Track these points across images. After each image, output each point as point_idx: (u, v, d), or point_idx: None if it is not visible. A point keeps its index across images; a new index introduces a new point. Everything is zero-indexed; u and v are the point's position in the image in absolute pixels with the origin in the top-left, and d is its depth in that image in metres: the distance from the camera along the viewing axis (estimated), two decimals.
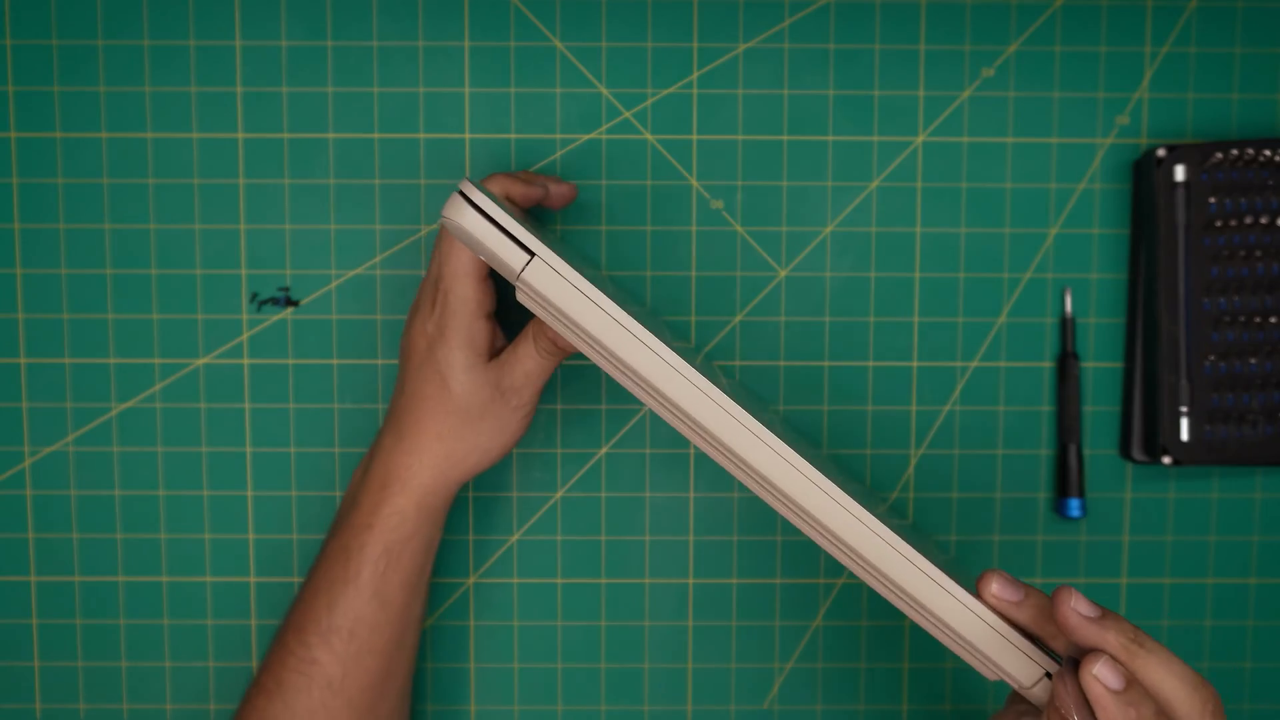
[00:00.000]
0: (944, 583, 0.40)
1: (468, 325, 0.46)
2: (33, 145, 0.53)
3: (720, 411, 0.38)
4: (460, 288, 0.46)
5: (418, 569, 0.49)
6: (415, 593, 0.49)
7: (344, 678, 0.48)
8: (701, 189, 0.54)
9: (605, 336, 0.38)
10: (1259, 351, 0.52)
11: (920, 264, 0.54)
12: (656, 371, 0.38)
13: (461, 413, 0.47)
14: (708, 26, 0.53)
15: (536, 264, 0.37)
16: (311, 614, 0.48)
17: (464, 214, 0.37)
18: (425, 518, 0.48)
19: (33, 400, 0.54)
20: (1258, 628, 0.56)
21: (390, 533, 0.48)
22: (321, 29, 0.53)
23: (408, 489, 0.48)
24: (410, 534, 0.48)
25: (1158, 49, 0.54)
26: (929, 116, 0.54)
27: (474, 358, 0.47)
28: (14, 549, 0.55)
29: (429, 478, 0.48)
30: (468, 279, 0.46)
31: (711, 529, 0.55)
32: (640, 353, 0.38)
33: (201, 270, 0.54)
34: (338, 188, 0.54)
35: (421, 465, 0.48)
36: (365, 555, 0.47)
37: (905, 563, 0.40)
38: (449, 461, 0.48)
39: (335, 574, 0.48)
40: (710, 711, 0.56)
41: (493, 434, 0.48)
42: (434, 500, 0.48)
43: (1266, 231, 0.51)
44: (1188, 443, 0.52)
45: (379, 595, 0.48)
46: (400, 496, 0.48)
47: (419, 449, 0.48)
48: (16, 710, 0.55)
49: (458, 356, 0.47)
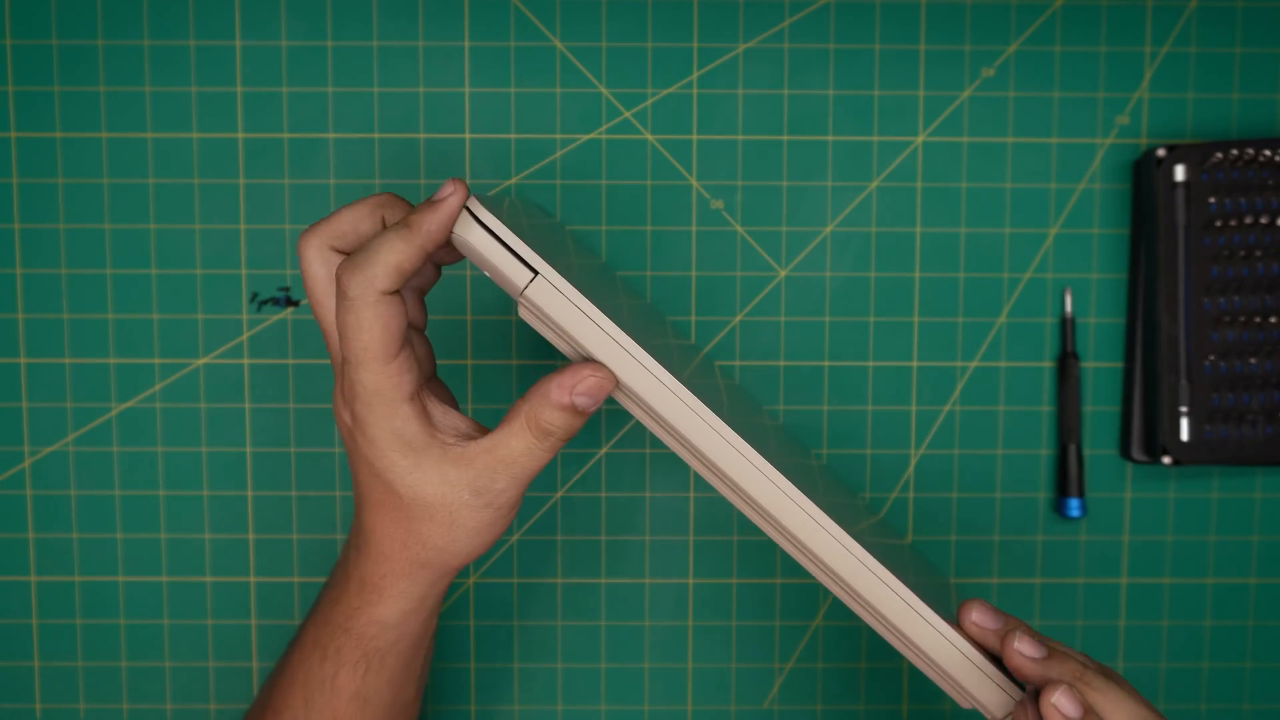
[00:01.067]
0: (919, 608, 0.40)
1: (390, 416, 0.37)
2: (33, 145, 0.53)
3: (714, 435, 0.39)
4: (369, 374, 0.37)
5: (405, 665, 0.43)
6: (406, 684, 0.44)
7: None
8: (701, 189, 0.54)
9: (604, 356, 0.38)
10: (1259, 351, 0.52)
11: (920, 264, 0.54)
12: (654, 393, 0.38)
13: (422, 518, 0.39)
14: (708, 26, 0.53)
15: (539, 282, 0.37)
16: (288, 702, 0.43)
17: (471, 231, 0.37)
18: (409, 621, 0.42)
19: (33, 400, 0.54)
20: (1258, 628, 0.56)
21: (371, 640, 0.42)
22: (321, 29, 0.53)
23: (386, 597, 0.41)
24: (394, 640, 0.42)
25: (1158, 49, 0.54)
26: (929, 116, 0.54)
27: (414, 455, 0.38)
28: (14, 549, 0.55)
29: (405, 585, 0.41)
30: (375, 363, 0.36)
31: (711, 529, 0.55)
32: (639, 374, 0.38)
33: (201, 270, 0.54)
34: (338, 188, 0.54)
35: (395, 573, 0.41)
36: (343, 659, 0.42)
37: (881, 586, 0.40)
38: (423, 567, 0.40)
39: (311, 668, 0.43)
40: (710, 711, 0.56)
41: (468, 538, 0.39)
42: (417, 605, 0.42)
43: (1266, 231, 0.51)
44: (1188, 443, 0.52)
45: (358, 697, 0.42)
46: (378, 606, 0.41)
47: (387, 555, 0.40)
48: (16, 710, 0.55)
49: (393, 459, 0.38)
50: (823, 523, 0.39)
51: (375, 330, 0.36)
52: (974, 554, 0.56)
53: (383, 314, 0.36)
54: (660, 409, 0.38)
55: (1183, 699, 0.56)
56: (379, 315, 0.36)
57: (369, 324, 0.36)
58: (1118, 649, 0.56)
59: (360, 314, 0.36)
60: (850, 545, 0.40)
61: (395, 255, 0.36)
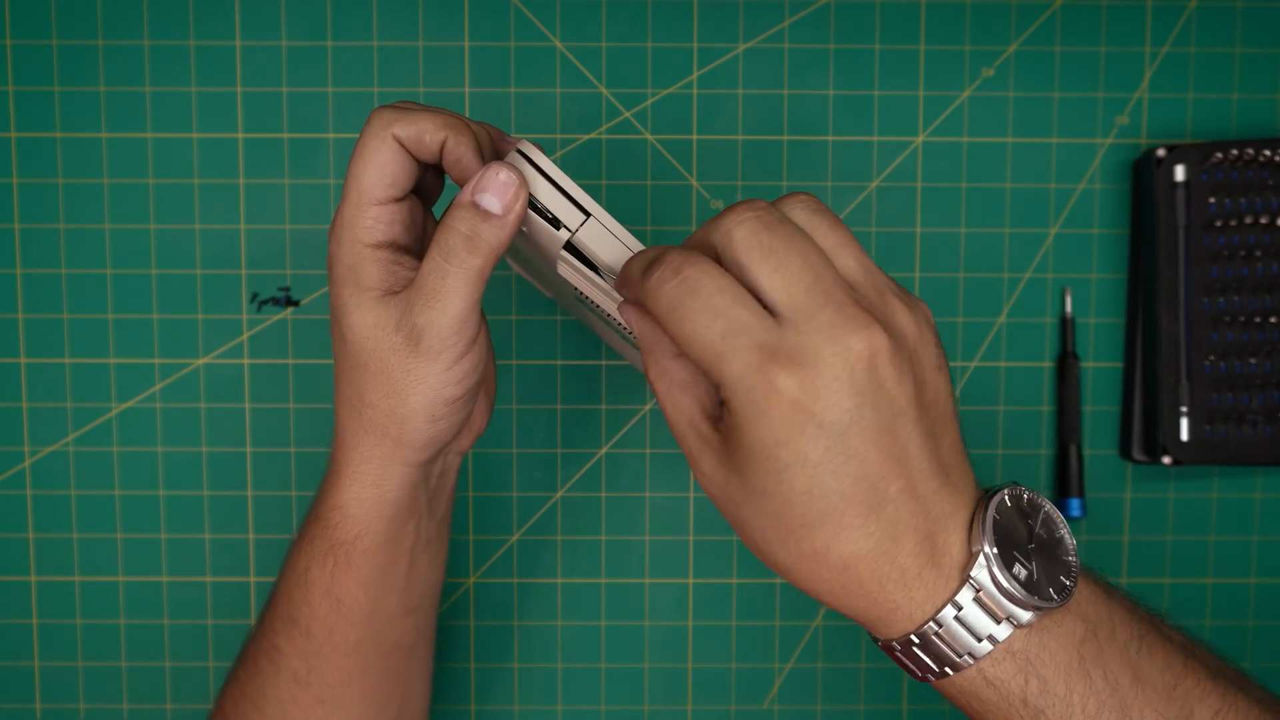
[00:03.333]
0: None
1: (352, 252, 0.37)
2: (33, 145, 0.53)
3: None
4: (350, 207, 0.37)
5: (379, 570, 0.41)
6: (386, 591, 0.42)
7: (309, 674, 0.42)
8: (701, 189, 0.54)
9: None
10: (1259, 351, 0.52)
11: (920, 264, 0.54)
12: None
13: (360, 369, 0.38)
14: (708, 26, 0.53)
15: (591, 224, 0.36)
16: (278, 596, 0.43)
17: (523, 171, 0.37)
18: (375, 513, 0.40)
19: (33, 400, 0.54)
20: (1258, 628, 0.56)
21: (334, 529, 0.40)
22: (321, 29, 0.53)
23: (342, 479, 0.40)
24: (357, 533, 0.40)
25: (1158, 49, 0.54)
26: (929, 116, 0.54)
27: (362, 294, 0.37)
28: (14, 549, 0.55)
29: (358, 462, 0.39)
30: (359, 196, 0.37)
31: (711, 529, 0.55)
32: None
33: (201, 270, 0.54)
34: (338, 188, 0.54)
35: (349, 447, 0.39)
36: (314, 549, 0.41)
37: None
38: (371, 436, 0.39)
39: (293, 560, 0.42)
40: (710, 711, 0.56)
41: (406, 395, 0.38)
42: (374, 489, 0.40)
43: (1266, 231, 0.51)
44: (1188, 443, 0.52)
45: (331, 595, 0.41)
46: (337, 489, 0.40)
47: (343, 428, 0.39)
48: (16, 710, 0.55)
49: (344, 297, 0.37)
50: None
51: (371, 165, 0.37)
52: None
53: (385, 155, 0.37)
54: None
55: None
56: (380, 152, 0.36)
57: (369, 156, 0.37)
58: None
59: (366, 144, 0.37)
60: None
61: (429, 123, 0.37)
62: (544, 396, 0.55)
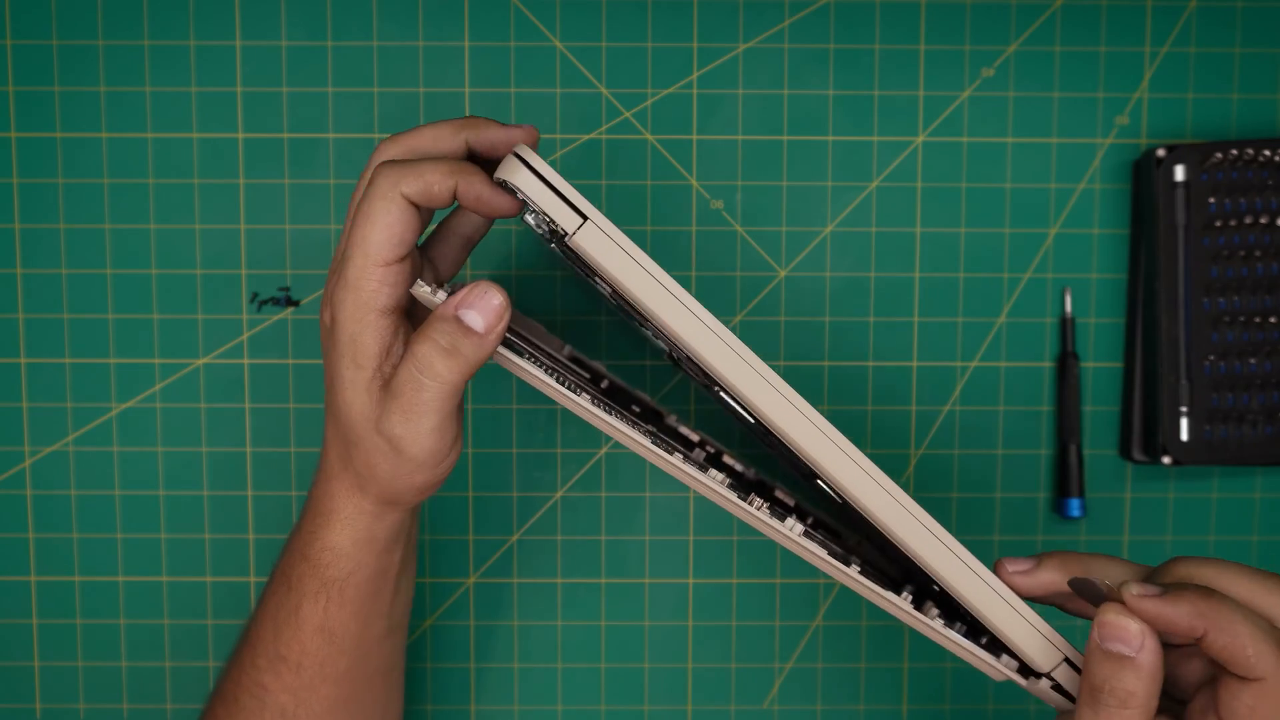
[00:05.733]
0: (963, 555, 0.38)
1: (355, 318, 0.37)
2: (33, 145, 0.53)
3: (761, 381, 0.38)
4: (354, 269, 0.37)
5: (369, 598, 0.42)
6: (374, 618, 0.43)
7: (297, 707, 0.43)
8: (701, 189, 0.54)
9: (652, 301, 0.37)
10: (1259, 351, 0.52)
11: (920, 264, 0.54)
12: (699, 337, 0.37)
13: (348, 437, 0.38)
14: (708, 26, 0.53)
15: (589, 227, 0.36)
16: (261, 634, 0.43)
17: (519, 175, 0.37)
18: (366, 549, 0.41)
19: (33, 400, 0.54)
20: None
21: (326, 569, 0.41)
22: (321, 29, 0.53)
23: (336, 520, 0.41)
24: (351, 569, 0.41)
25: (1158, 49, 0.54)
26: (929, 116, 0.54)
27: (356, 370, 0.37)
28: (14, 549, 0.55)
29: (353, 510, 0.40)
30: (367, 259, 0.36)
31: (711, 529, 0.55)
32: (684, 318, 0.37)
33: (201, 270, 0.54)
34: (338, 188, 0.54)
35: (341, 496, 0.40)
36: (304, 588, 0.41)
37: (923, 531, 0.38)
38: (364, 496, 0.40)
39: (278, 598, 0.42)
40: (710, 711, 0.56)
41: (389, 468, 0.39)
42: (372, 532, 0.41)
43: (1266, 231, 0.51)
44: (1187, 443, 0.52)
45: (324, 630, 0.42)
46: (329, 530, 0.41)
47: (334, 478, 0.40)
48: (16, 710, 0.55)
49: (340, 367, 0.37)
50: (869, 470, 0.38)
51: (379, 227, 0.36)
52: (974, 554, 0.56)
53: (393, 216, 0.36)
54: (705, 353, 0.37)
55: None
56: (389, 214, 0.36)
57: (378, 218, 0.36)
58: None
59: (373, 205, 0.36)
60: (895, 492, 0.38)
61: (436, 174, 0.37)
62: (544, 397, 0.55)
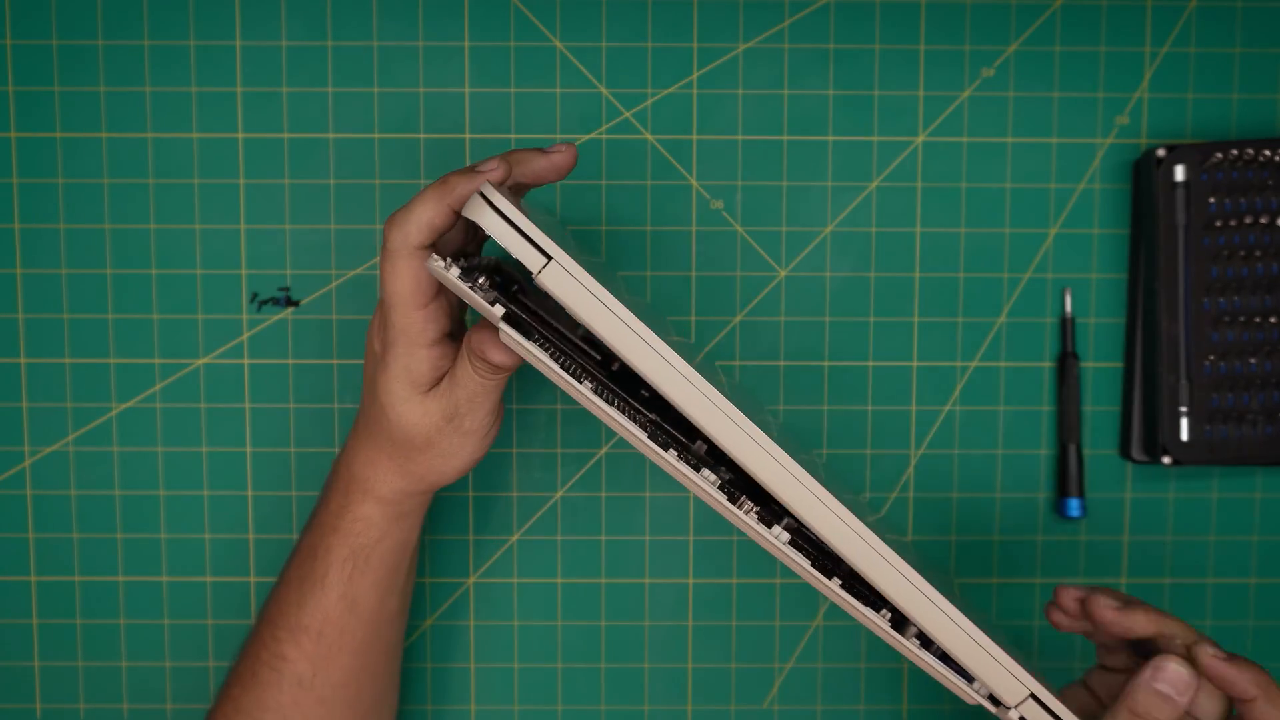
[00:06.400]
0: (928, 592, 0.40)
1: (408, 354, 0.43)
2: (33, 145, 0.53)
3: (727, 422, 0.39)
4: (399, 316, 0.42)
5: (390, 570, 0.47)
6: (390, 592, 0.48)
7: (314, 676, 0.46)
8: (701, 189, 0.54)
9: (617, 341, 0.38)
10: (1259, 351, 0.52)
11: (920, 264, 0.54)
12: (665, 377, 0.39)
13: (403, 442, 0.44)
14: (708, 26, 0.53)
15: (552, 267, 0.38)
16: (281, 609, 0.47)
17: (484, 216, 0.38)
18: (394, 521, 0.46)
19: (33, 400, 0.54)
20: (1258, 628, 0.56)
21: (356, 537, 0.46)
22: (321, 29, 0.53)
23: (371, 495, 0.46)
24: (378, 538, 0.46)
25: (1158, 49, 0.54)
26: (929, 116, 0.54)
27: (411, 390, 0.43)
28: (14, 549, 0.55)
29: (391, 489, 0.46)
30: (405, 307, 0.42)
31: (711, 529, 0.55)
32: (649, 358, 0.38)
33: (201, 270, 0.54)
34: (338, 188, 0.54)
35: (381, 477, 0.46)
36: (331, 558, 0.46)
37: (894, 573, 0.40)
38: (408, 478, 0.46)
39: (304, 572, 0.46)
40: (710, 711, 0.56)
41: (441, 461, 0.45)
42: (401, 507, 0.46)
43: (1266, 231, 0.51)
44: (1187, 443, 0.52)
45: (346, 598, 0.46)
46: (364, 503, 0.46)
47: (376, 462, 0.46)
48: (16, 710, 0.55)
49: (395, 389, 0.43)
50: (843, 516, 0.40)
51: (407, 279, 0.41)
52: (974, 554, 0.56)
53: (414, 266, 0.41)
54: (670, 392, 0.39)
55: None
56: (410, 267, 0.41)
57: (402, 273, 0.41)
58: None
59: (395, 264, 0.41)
60: (865, 534, 0.40)
61: (428, 213, 0.40)
62: (544, 396, 0.55)
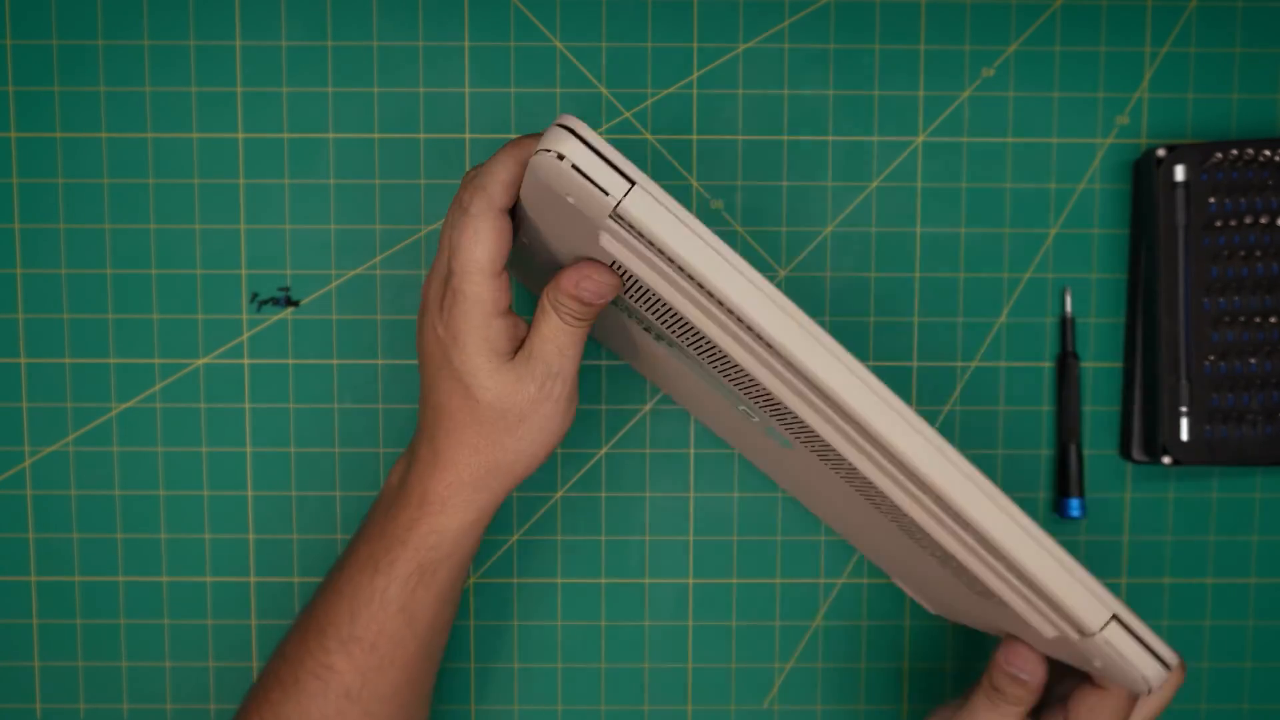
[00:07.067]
0: (1007, 506, 0.37)
1: (485, 325, 0.41)
2: (33, 145, 0.53)
3: (811, 342, 0.37)
4: (474, 285, 0.41)
5: (453, 583, 0.45)
6: (447, 604, 0.46)
7: (362, 688, 0.45)
8: (701, 189, 0.54)
9: (705, 266, 0.36)
10: (1259, 351, 0.52)
11: (920, 264, 0.54)
12: (753, 302, 0.37)
13: (496, 421, 0.43)
14: (708, 26, 0.53)
15: (637, 192, 0.36)
16: (333, 618, 0.45)
17: (566, 143, 0.36)
18: (468, 534, 0.45)
19: (33, 400, 0.54)
20: (1258, 627, 0.56)
21: (427, 552, 0.44)
22: (321, 29, 0.53)
23: (449, 507, 0.44)
24: (449, 552, 0.44)
25: (1158, 49, 0.54)
26: (929, 116, 0.54)
27: (497, 360, 0.42)
28: (14, 549, 0.55)
29: (470, 494, 0.44)
30: (482, 275, 0.40)
31: (711, 529, 0.55)
32: (738, 283, 0.37)
33: (201, 270, 0.54)
34: (338, 188, 0.54)
35: (462, 483, 0.44)
36: (395, 571, 0.44)
37: (968, 484, 0.37)
38: (492, 475, 0.44)
39: (361, 581, 0.45)
40: (710, 711, 0.56)
41: (536, 435, 0.43)
42: (479, 515, 0.45)
43: (1266, 231, 0.51)
44: (1187, 443, 0.52)
45: (406, 610, 0.44)
46: (440, 515, 0.44)
47: (455, 464, 0.44)
48: (16, 710, 0.55)
49: (479, 363, 0.42)
50: (913, 422, 0.37)
51: (489, 243, 0.40)
52: None
53: (498, 228, 0.40)
54: (760, 319, 0.37)
55: (1183, 699, 0.56)
56: (494, 229, 0.40)
57: (485, 237, 0.40)
58: None
59: (479, 227, 0.40)
60: (936, 440, 0.37)
61: (510, 171, 0.40)
62: None
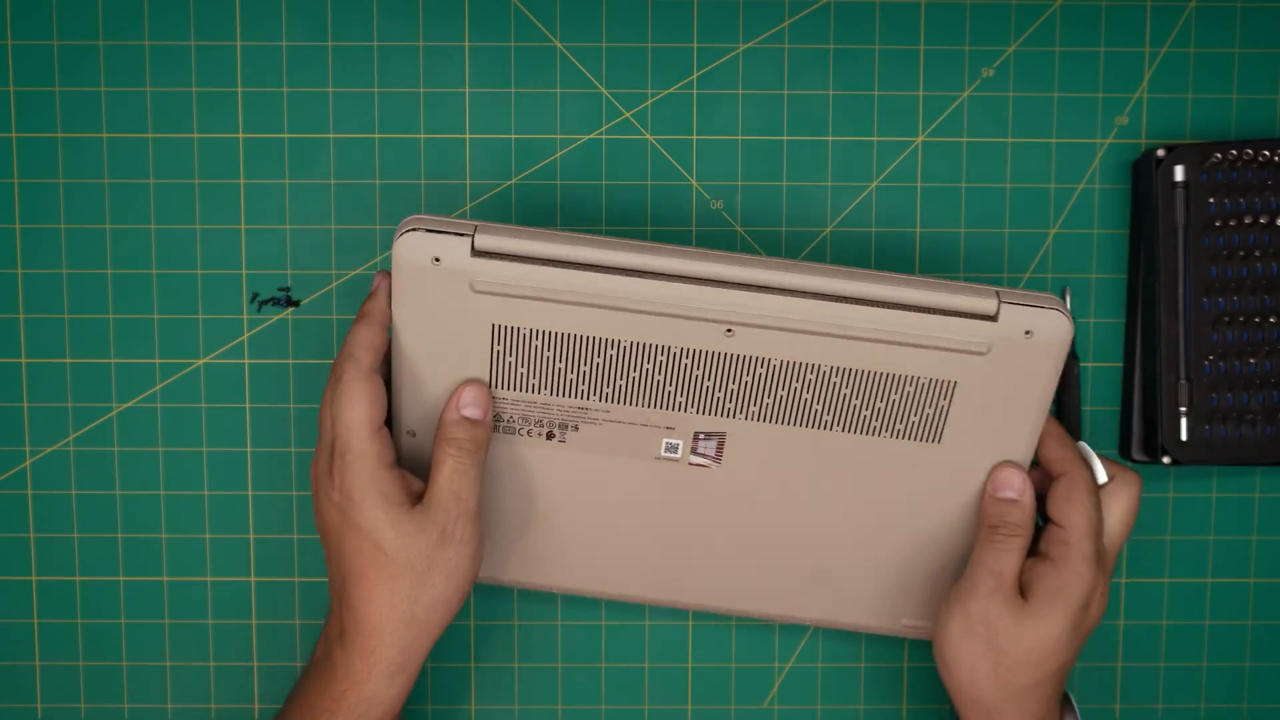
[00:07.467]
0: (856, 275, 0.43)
1: (375, 478, 0.43)
2: (33, 145, 0.53)
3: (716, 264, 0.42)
4: (358, 442, 0.43)
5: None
6: None
7: None
8: (701, 189, 0.54)
9: (577, 246, 0.42)
10: (1259, 351, 0.52)
11: (920, 264, 0.54)
12: (644, 252, 0.42)
13: (406, 572, 0.43)
14: (708, 26, 0.53)
15: (484, 224, 0.41)
16: None
17: (414, 222, 0.42)
18: (397, 695, 0.45)
19: (33, 400, 0.54)
20: (1258, 627, 0.56)
21: (360, 718, 0.45)
22: (321, 29, 0.53)
23: (374, 675, 0.44)
24: (383, 713, 0.45)
25: (1157, 49, 0.54)
26: (929, 116, 0.54)
27: (395, 510, 0.43)
28: (14, 549, 0.55)
29: (394, 657, 0.44)
30: (364, 430, 0.43)
31: None
32: (619, 246, 0.42)
33: (201, 270, 0.54)
34: (338, 188, 0.54)
35: (386, 646, 0.44)
36: None
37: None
38: (411, 629, 0.44)
39: None
40: (710, 711, 0.56)
41: (446, 582, 0.44)
42: (405, 677, 0.45)
43: (1266, 231, 0.51)
44: (1187, 443, 0.52)
45: None
46: (367, 684, 0.45)
47: (377, 629, 0.44)
48: (16, 710, 0.55)
49: (378, 515, 0.43)
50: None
51: (365, 402, 0.43)
52: None
53: (370, 389, 0.44)
54: (651, 258, 0.42)
55: (1183, 699, 0.56)
56: (367, 390, 0.44)
57: (360, 397, 0.43)
58: (1117, 649, 0.56)
59: (353, 390, 0.43)
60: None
61: (368, 338, 0.44)
62: None
